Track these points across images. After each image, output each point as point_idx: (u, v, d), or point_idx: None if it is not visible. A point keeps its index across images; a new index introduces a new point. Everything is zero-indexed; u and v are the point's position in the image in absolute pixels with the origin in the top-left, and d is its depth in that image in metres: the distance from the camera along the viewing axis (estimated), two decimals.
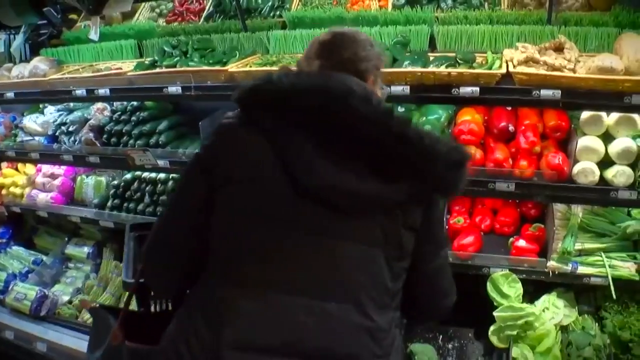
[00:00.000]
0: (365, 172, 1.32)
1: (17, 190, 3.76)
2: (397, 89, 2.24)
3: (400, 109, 2.73)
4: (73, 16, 3.85)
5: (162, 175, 3.19)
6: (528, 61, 2.22)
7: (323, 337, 1.31)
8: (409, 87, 2.25)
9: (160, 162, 2.92)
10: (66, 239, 3.77)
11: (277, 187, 1.35)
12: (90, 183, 3.52)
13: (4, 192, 3.85)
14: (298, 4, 3.22)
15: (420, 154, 1.33)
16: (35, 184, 3.73)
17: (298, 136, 1.34)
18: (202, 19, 3.46)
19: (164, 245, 1.53)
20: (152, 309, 1.80)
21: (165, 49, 2.95)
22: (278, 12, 3.22)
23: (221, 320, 1.32)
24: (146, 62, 2.93)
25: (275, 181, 1.35)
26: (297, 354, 1.30)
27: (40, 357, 3.12)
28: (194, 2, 3.61)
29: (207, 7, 3.53)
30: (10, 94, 3.45)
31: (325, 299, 1.32)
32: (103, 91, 2.94)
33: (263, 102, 1.40)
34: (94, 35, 2.59)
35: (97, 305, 2.25)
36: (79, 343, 3.00)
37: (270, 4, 3.29)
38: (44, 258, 3.71)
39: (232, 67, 2.62)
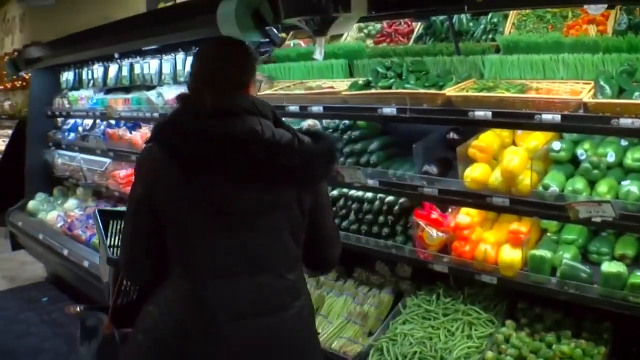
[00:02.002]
0: (263, 188, 1.95)
1: None
2: (626, 122, 2.32)
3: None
4: (282, 35, 4.41)
5: (369, 195, 3.47)
6: None
7: (260, 299, 1.99)
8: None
9: (370, 182, 3.21)
10: None
11: (208, 206, 1.96)
12: None
13: None
14: (511, 28, 3.36)
15: (305, 164, 1.97)
16: None
17: (215, 171, 1.92)
18: (411, 41, 3.81)
19: (136, 250, 2.08)
20: (123, 300, 2.36)
21: (379, 70, 3.26)
22: (491, 36, 3.42)
23: (186, 303, 1.97)
24: (360, 82, 3.29)
25: (206, 204, 1.96)
26: (248, 314, 1.97)
27: None
28: (403, 24, 3.98)
29: (416, 30, 3.84)
30: None
31: (255, 274, 1.99)
32: (317, 109, 3.36)
33: (177, 144, 1.94)
34: (318, 55, 3.00)
35: (82, 308, 2.69)
36: None
37: (482, 27, 3.49)
38: None
39: (449, 92, 2.86)
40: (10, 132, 9.27)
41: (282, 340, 2.04)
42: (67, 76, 7.05)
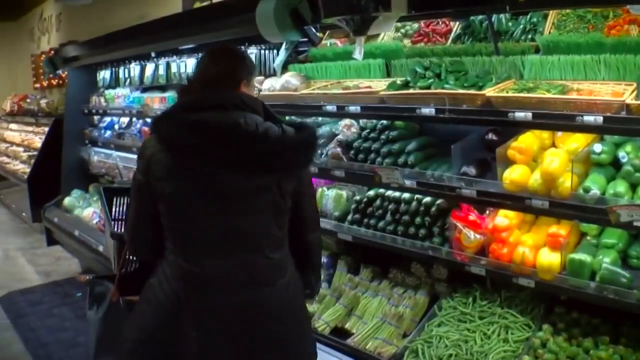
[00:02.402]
0: (245, 174, 2.21)
1: None
2: None
3: None
4: (319, 34, 4.44)
5: (406, 195, 3.48)
6: None
7: (246, 275, 2.25)
8: None
9: (407, 182, 3.22)
10: None
11: (196, 190, 2.21)
12: (331, 195, 3.95)
13: None
14: (551, 28, 3.34)
15: (282, 152, 2.22)
16: None
17: (202, 159, 2.18)
18: (449, 41, 3.81)
19: (137, 226, 2.39)
20: (127, 269, 2.66)
21: (417, 69, 3.27)
22: (530, 36, 3.41)
23: (177, 275, 2.25)
24: (398, 82, 3.30)
25: (194, 187, 2.21)
26: (235, 288, 2.25)
27: None
28: (440, 23, 3.98)
29: (454, 29, 3.85)
30: None
31: (241, 253, 2.26)
32: (354, 108, 3.39)
33: (172, 136, 2.21)
34: (358, 54, 3.02)
35: (91, 277, 2.96)
36: None
37: (521, 27, 3.47)
38: None
39: (489, 92, 2.86)
40: (46, 129, 9.46)
41: (267, 312, 2.30)
42: (104, 74, 7.17)
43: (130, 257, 2.63)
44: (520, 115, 2.72)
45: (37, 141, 10.12)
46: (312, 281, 2.68)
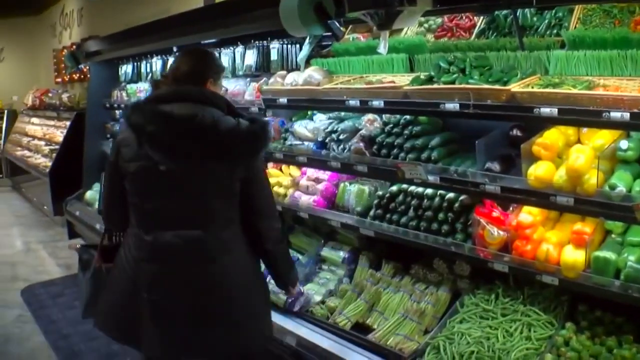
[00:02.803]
0: (197, 160, 2.55)
1: (281, 190, 4.40)
2: None
3: None
4: (342, 29, 4.44)
5: (429, 191, 3.47)
6: None
7: (193, 249, 2.62)
8: None
9: (431, 178, 3.21)
10: (322, 241, 4.32)
11: (154, 171, 2.55)
12: (353, 190, 3.94)
13: None
14: (577, 23, 3.31)
15: (229, 142, 2.53)
16: (299, 186, 4.30)
17: (160, 144, 2.53)
18: (473, 36, 3.80)
19: (109, 202, 2.88)
20: (114, 241, 3.05)
21: (441, 64, 3.25)
22: (555, 31, 3.38)
23: (137, 245, 2.69)
24: (422, 76, 3.30)
25: (151, 168, 2.55)
26: (184, 258, 2.63)
27: (288, 350, 3.58)
28: (464, 17, 3.96)
29: (478, 24, 3.83)
30: (283, 100, 4.13)
31: (188, 229, 2.62)
32: (377, 103, 3.39)
33: (137, 123, 2.56)
34: (382, 49, 3.02)
35: (80, 245, 3.42)
36: (328, 343, 3.42)
37: (546, 22, 3.45)
38: (300, 257, 4.28)
39: (514, 87, 2.84)
40: (68, 123, 9.58)
41: (210, 284, 2.66)
42: (126, 69, 7.24)
43: (111, 231, 3.07)
44: (545, 110, 2.71)
45: (59, 135, 10.23)
46: (279, 273, 2.98)
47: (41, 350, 5.04)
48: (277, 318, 3.74)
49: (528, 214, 3.08)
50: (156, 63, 6.53)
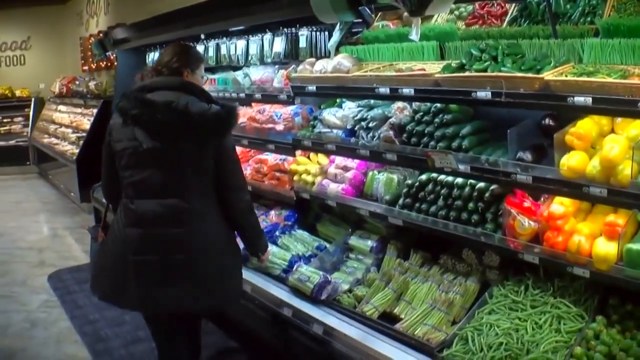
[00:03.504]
0: (172, 139, 3.02)
1: (309, 178, 4.43)
2: None
3: None
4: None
5: (459, 180, 3.45)
6: None
7: (170, 214, 3.07)
8: None
9: (461, 167, 3.20)
10: (350, 230, 4.33)
11: (136, 149, 3.03)
12: (381, 179, 3.94)
13: (295, 178, 4.58)
14: (611, 10, 3.27)
15: (198, 124, 2.99)
16: (327, 174, 4.32)
17: (142, 125, 3.02)
18: (505, 23, 3.77)
19: (106, 177, 3.34)
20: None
21: (473, 52, 3.24)
22: (589, 18, 3.34)
23: (125, 212, 3.16)
24: (453, 64, 3.28)
25: (136, 146, 3.03)
26: (163, 223, 3.07)
27: (314, 339, 3.61)
28: (496, 5, 3.94)
29: (510, 11, 3.80)
30: (312, 87, 4.14)
31: (166, 197, 3.07)
32: (407, 91, 3.39)
33: (124, 108, 3.06)
34: (414, 36, 3.02)
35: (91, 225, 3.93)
36: (355, 331, 3.43)
37: (580, 9, 3.41)
38: (327, 245, 4.30)
39: (547, 76, 2.82)
40: (95, 111, 9.69)
41: (186, 246, 3.08)
42: (153, 56, 7.29)
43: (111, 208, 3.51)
44: (579, 99, 2.69)
45: (86, 123, 10.36)
46: (249, 240, 3.49)
47: (67, 335, 5.14)
48: (303, 306, 3.82)
49: (560, 205, 3.05)
50: None
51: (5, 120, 14.46)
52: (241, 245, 3.51)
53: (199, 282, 3.12)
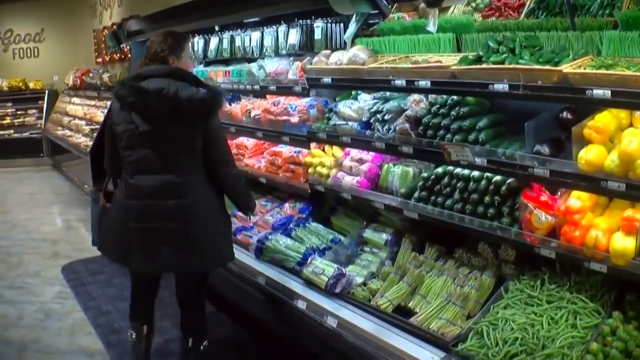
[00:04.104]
0: (164, 120, 3.41)
1: (324, 171, 4.44)
2: None
3: None
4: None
5: (475, 173, 3.44)
6: None
7: (164, 188, 3.49)
8: None
9: (478, 160, 3.19)
10: (364, 223, 4.34)
11: (133, 130, 3.45)
12: (397, 172, 3.94)
13: (310, 170, 4.59)
14: (630, 3, 3.22)
15: (186, 107, 3.37)
16: (342, 167, 4.32)
17: (137, 111, 3.42)
18: (522, 15, 3.74)
19: (108, 155, 3.80)
20: (111, 187, 3.97)
21: (490, 44, 3.22)
22: (608, 11, 3.30)
23: (125, 186, 3.61)
24: (470, 56, 3.27)
25: (133, 129, 3.45)
26: (158, 195, 3.49)
27: (328, 331, 3.61)
28: None
29: (527, 3, 3.76)
30: (327, 79, 4.14)
31: (160, 173, 3.49)
32: (424, 83, 3.38)
33: (122, 95, 3.44)
34: (432, 27, 3.02)
35: (93, 189, 4.46)
36: (369, 325, 3.45)
37: (599, 1, 3.35)
38: (342, 238, 4.32)
39: (566, 68, 2.80)
40: (109, 103, 9.69)
41: (180, 214, 3.51)
42: None
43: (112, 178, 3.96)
44: (598, 92, 2.67)
45: (99, 115, 10.41)
46: (239, 204, 3.94)
47: (81, 326, 5.19)
48: (318, 299, 3.84)
49: (577, 199, 3.04)
50: (198, 42, 6.58)
51: (19, 112, 14.57)
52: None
53: (191, 245, 3.55)
